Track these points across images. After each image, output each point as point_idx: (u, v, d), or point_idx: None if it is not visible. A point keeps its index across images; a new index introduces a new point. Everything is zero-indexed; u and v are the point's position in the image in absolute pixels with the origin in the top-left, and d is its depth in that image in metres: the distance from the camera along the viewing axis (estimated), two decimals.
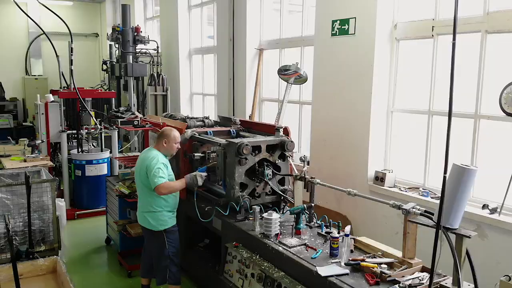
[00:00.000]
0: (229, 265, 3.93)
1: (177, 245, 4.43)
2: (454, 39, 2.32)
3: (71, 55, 7.27)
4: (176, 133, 4.42)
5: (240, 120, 5.32)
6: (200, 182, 4.36)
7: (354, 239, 3.56)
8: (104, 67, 10.56)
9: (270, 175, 4.25)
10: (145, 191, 4.31)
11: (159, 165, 4.16)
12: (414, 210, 3.11)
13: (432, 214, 3.06)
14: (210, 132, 5.01)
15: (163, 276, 4.37)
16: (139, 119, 5.73)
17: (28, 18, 8.19)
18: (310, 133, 5.86)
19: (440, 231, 2.45)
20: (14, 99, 12.96)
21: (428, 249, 3.53)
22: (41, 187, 5.33)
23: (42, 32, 8.07)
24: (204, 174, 4.41)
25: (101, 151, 7.51)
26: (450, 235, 2.82)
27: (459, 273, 2.76)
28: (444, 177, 2.33)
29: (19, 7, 7.26)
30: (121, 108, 7.26)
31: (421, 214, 3.09)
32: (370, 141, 5.00)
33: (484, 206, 4.09)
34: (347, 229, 3.35)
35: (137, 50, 9.39)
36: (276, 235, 3.75)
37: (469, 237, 2.83)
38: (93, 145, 7.92)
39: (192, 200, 4.43)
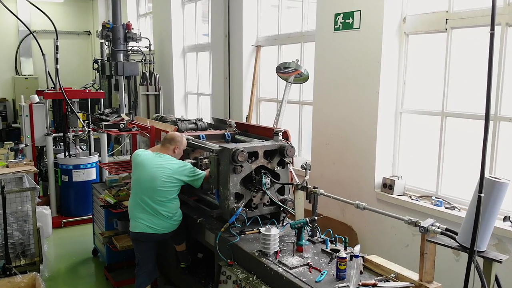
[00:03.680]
0: (223, 285, 3.53)
1: None
2: (492, 28, 1.90)
3: (57, 53, 6.86)
4: (185, 139, 4.28)
5: (235, 123, 4.94)
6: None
7: (363, 257, 3.16)
8: (95, 66, 10.15)
9: (268, 184, 3.85)
10: (169, 196, 4.02)
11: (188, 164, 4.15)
12: (433, 228, 2.71)
13: (454, 232, 2.67)
14: (202, 136, 4.62)
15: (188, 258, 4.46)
16: (125, 122, 5.32)
17: (16, 18, 7.79)
18: (312, 136, 5.46)
19: (472, 258, 2.04)
20: (3, 99, 12.60)
21: (438, 266, 3.16)
22: (20, 196, 4.95)
23: (31, 32, 7.74)
24: None
25: (90, 155, 7.11)
26: (477, 258, 2.44)
27: None
28: (479, 197, 1.93)
29: (6, 7, 6.86)
30: (106, 110, 6.84)
31: (441, 233, 2.69)
32: (377, 145, 4.62)
33: (506, 218, 3.72)
34: (357, 249, 2.95)
35: (128, 48, 8.99)
36: (275, 253, 3.35)
37: (500, 262, 2.44)
38: (81, 148, 7.51)
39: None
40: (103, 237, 5.04)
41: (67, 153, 7.02)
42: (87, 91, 8.07)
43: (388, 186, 4.55)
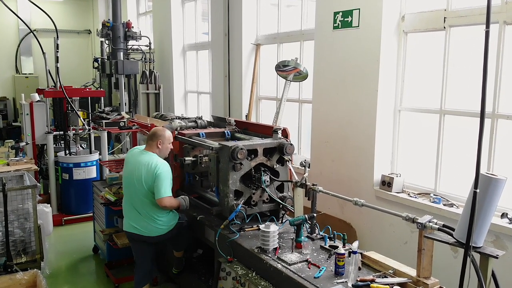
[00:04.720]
0: (223, 282, 3.56)
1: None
2: (487, 26, 1.92)
3: (57, 52, 6.88)
4: (169, 132, 4.18)
5: (235, 121, 4.95)
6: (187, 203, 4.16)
7: (361, 254, 3.19)
8: (96, 64, 10.16)
9: (267, 181, 3.88)
10: (150, 198, 3.94)
11: (170, 175, 3.98)
12: (431, 224, 2.74)
13: (451, 228, 2.69)
14: (202, 134, 4.63)
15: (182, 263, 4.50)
16: (125, 120, 5.34)
17: (16, 16, 7.80)
18: (311, 134, 5.48)
19: (468, 252, 2.07)
20: (3, 98, 12.61)
21: (437, 264, 3.18)
22: (20, 194, 4.97)
23: (31, 30, 7.75)
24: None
25: (90, 153, 7.13)
26: (473, 254, 2.46)
27: None
28: (475, 193, 1.95)
29: (6, 6, 6.87)
30: (106, 109, 6.84)
31: (439, 229, 2.72)
32: (376, 143, 4.63)
33: (503, 215, 3.72)
34: (355, 245, 2.97)
35: (128, 46, 9.00)
36: (275, 249, 3.38)
37: (496, 257, 2.46)
38: (82, 146, 7.54)
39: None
40: (103, 234, 5.06)
41: (67, 151, 7.04)
42: (88, 89, 8.07)
43: (386, 183, 4.57)
